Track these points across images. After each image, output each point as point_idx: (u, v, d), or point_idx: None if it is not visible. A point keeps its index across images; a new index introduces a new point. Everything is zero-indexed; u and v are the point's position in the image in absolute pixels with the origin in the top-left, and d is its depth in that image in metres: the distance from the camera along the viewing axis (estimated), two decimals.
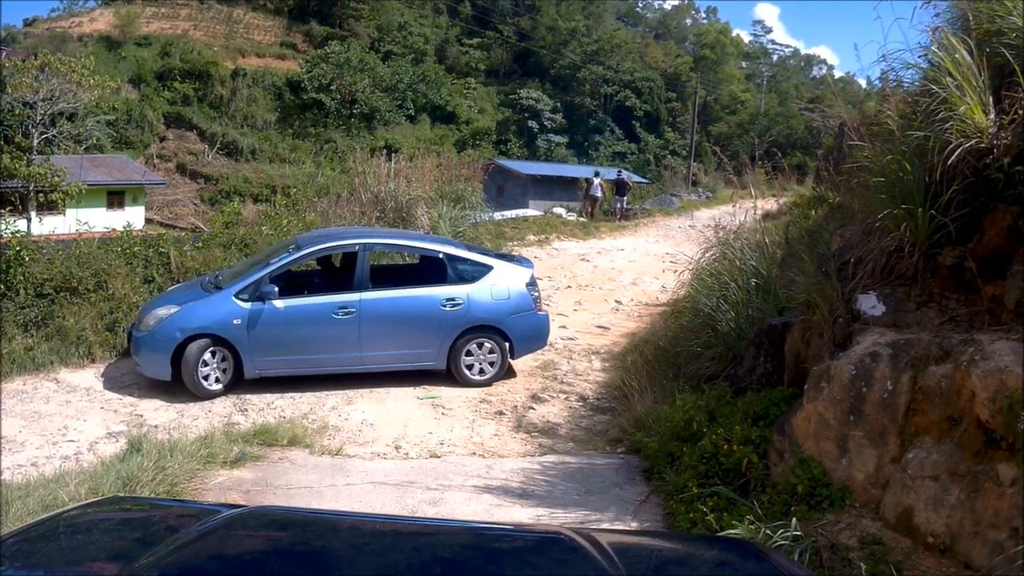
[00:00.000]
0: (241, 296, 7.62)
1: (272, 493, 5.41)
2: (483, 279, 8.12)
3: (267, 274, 7.72)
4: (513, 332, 8.15)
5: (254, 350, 7.60)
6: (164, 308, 7.72)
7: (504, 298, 8.10)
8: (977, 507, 3.49)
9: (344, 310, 7.71)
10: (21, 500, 4.82)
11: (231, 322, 7.54)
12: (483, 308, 8.02)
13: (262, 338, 7.59)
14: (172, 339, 7.47)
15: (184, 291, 8.35)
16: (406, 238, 9.33)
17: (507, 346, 8.19)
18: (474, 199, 16.40)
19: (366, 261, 7.99)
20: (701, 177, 45.45)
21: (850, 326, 4.57)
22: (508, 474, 5.78)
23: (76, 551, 2.22)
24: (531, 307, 8.25)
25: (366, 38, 61.68)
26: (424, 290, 8.06)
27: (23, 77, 25.61)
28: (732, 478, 4.73)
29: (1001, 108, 4.14)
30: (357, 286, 7.86)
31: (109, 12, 57.85)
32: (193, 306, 7.68)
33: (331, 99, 53.73)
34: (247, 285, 7.66)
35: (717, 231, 8.32)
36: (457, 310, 7.94)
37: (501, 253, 9.99)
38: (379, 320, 7.79)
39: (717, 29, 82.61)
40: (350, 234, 8.98)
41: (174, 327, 7.51)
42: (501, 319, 8.08)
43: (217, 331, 7.53)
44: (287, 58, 60.70)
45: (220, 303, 7.62)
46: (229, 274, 8.34)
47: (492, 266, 8.28)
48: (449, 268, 8.11)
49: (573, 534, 2.28)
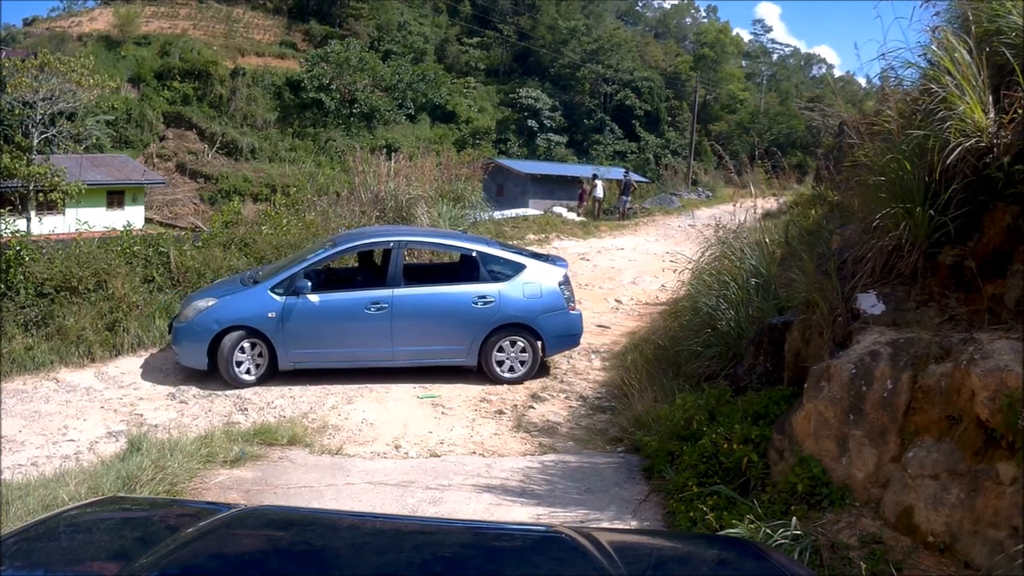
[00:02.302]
0: (276, 290, 7.83)
1: (272, 492, 5.41)
2: (516, 277, 8.19)
3: (302, 269, 7.92)
4: (545, 330, 8.18)
5: (288, 342, 7.80)
6: (203, 300, 7.98)
7: (536, 296, 8.14)
8: (977, 506, 3.49)
9: (376, 305, 7.87)
10: (21, 499, 4.82)
11: (266, 315, 7.75)
12: (515, 306, 8.08)
13: (296, 331, 7.78)
14: (209, 330, 7.72)
15: (224, 285, 8.68)
16: (440, 236, 9.48)
17: (539, 344, 8.21)
18: (474, 198, 16.39)
19: (400, 258, 8.17)
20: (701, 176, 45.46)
21: (850, 325, 4.57)
22: (508, 473, 5.78)
23: (76, 551, 2.22)
24: (563, 306, 8.26)
25: (366, 37, 61.69)
26: (456, 287, 8.19)
27: (23, 77, 25.63)
28: (732, 477, 4.73)
29: (1001, 107, 4.14)
30: (390, 282, 8.03)
31: (108, 11, 57.87)
32: (230, 299, 7.95)
33: (331, 98, 53.74)
34: (282, 280, 7.88)
35: (717, 230, 8.31)
36: (489, 307, 8.01)
37: (535, 252, 9.98)
38: (411, 316, 7.93)
39: (717, 28, 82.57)
40: (385, 232, 9.31)
41: (211, 319, 7.77)
42: (533, 317, 8.12)
43: (252, 323, 7.75)
44: (287, 57, 60.74)
45: (256, 297, 7.85)
46: (269, 270, 8.56)
47: (525, 265, 8.34)
48: (482, 266, 8.20)
49: (573, 533, 2.28)
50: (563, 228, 20.70)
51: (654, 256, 15.95)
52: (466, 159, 19.60)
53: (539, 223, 20.90)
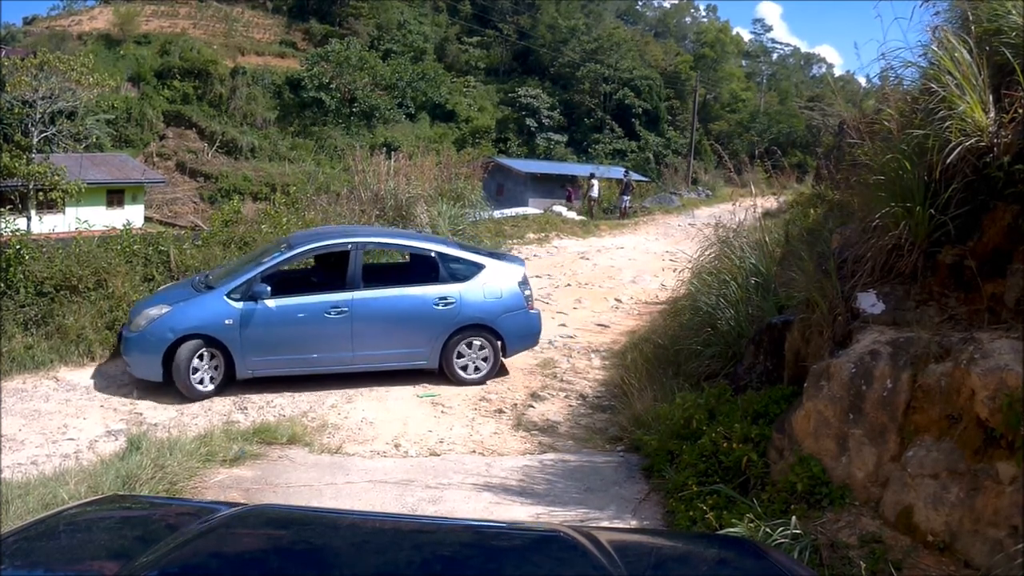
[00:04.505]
0: (233, 296, 7.52)
1: (272, 491, 5.42)
2: (475, 278, 8.09)
3: (259, 273, 7.62)
4: (505, 330, 8.11)
5: (246, 350, 7.51)
6: (155, 308, 7.61)
7: (497, 297, 8.08)
8: (977, 505, 3.49)
9: (336, 309, 7.65)
10: (21, 499, 4.82)
11: (223, 322, 7.45)
12: (476, 307, 7.99)
13: (254, 338, 7.50)
14: (164, 340, 7.36)
15: (175, 291, 8.26)
16: (398, 237, 9.22)
17: (499, 344, 8.15)
18: (473, 197, 16.40)
19: (359, 260, 7.93)
20: (701, 175, 45.50)
21: (850, 324, 4.57)
22: (507, 472, 5.78)
23: (76, 550, 2.22)
24: (523, 305, 8.23)
25: (366, 36, 61.64)
26: (416, 289, 8.00)
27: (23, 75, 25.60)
28: (732, 476, 4.73)
29: (1001, 107, 4.14)
30: (349, 285, 7.80)
31: (108, 10, 57.83)
32: (185, 306, 7.58)
33: (331, 97, 53.71)
34: (239, 285, 7.56)
35: (717, 229, 8.31)
36: (450, 309, 7.92)
37: (493, 251, 9.90)
38: (371, 319, 7.75)
39: (717, 27, 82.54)
40: (342, 233, 8.84)
41: (165, 327, 7.40)
42: (494, 318, 8.05)
43: (209, 331, 7.43)
44: (287, 56, 60.72)
45: (212, 303, 7.52)
46: (220, 273, 8.24)
47: (484, 265, 8.24)
48: (441, 267, 8.08)
49: (572, 532, 2.28)
50: (563, 227, 20.71)
51: (654, 255, 15.97)
52: (466, 158, 19.62)
53: (539, 222, 20.91)
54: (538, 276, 13.94)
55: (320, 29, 63.56)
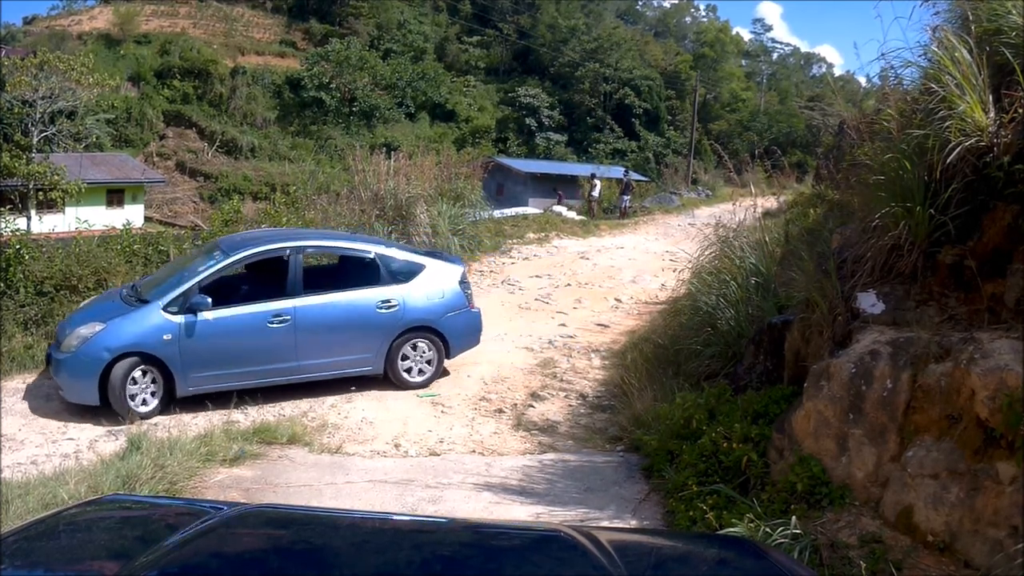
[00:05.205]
0: (170, 309, 7.06)
1: (272, 491, 5.42)
2: (416, 278, 7.94)
3: (196, 283, 7.19)
4: (449, 331, 8.00)
5: (186, 366, 7.07)
6: (87, 326, 7.06)
7: (439, 297, 7.95)
8: (977, 505, 3.49)
9: (279, 318, 7.32)
10: (21, 498, 4.83)
11: (161, 337, 6.98)
12: (419, 309, 7.85)
13: (194, 353, 7.06)
14: (99, 360, 6.83)
15: (104, 305, 7.70)
16: (336, 239, 8.79)
17: (443, 346, 8.02)
18: (473, 197, 16.40)
19: (299, 265, 7.60)
20: (701, 175, 45.47)
21: (850, 324, 4.57)
22: (507, 472, 5.78)
23: (76, 550, 2.22)
24: (465, 305, 8.15)
25: (366, 36, 61.62)
26: (359, 293, 7.74)
27: (22, 75, 25.57)
28: (732, 476, 4.74)
29: (1001, 107, 4.14)
30: (290, 292, 7.46)
31: (108, 10, 57.80)
32: (119, 322, 7.05)
33: (331, 97, 53.71)
34: (176, 296, 7.11)
35: (717, 229, 8.31)
36: (393, 312, 7.74)
37: (431, 251, 9.63)
38: (315, 327, 7.47)
39: (717, 27, 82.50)
40: (278, 237, 8.40)
41: (100, 347, 6.87)
42: (437, 318, 7.92)
43: (147, 348, 6.95)
44: (287, 56, 60.70)
45: (148, 317, 7.03)
46: (149, 284, 7.82)
47: (425, 264, 8.09)
48: (382, 268, 7.87)
49: (572, 532, 2.28)
50: (563, 227, 20.70)
51: (654, 255, 15.97)
52: (466, 158, 19.60)
53: (539, 222, 20.90)
54: (538, 276, 13.95)
55: (320, 29, 63.54)
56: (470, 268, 14.27)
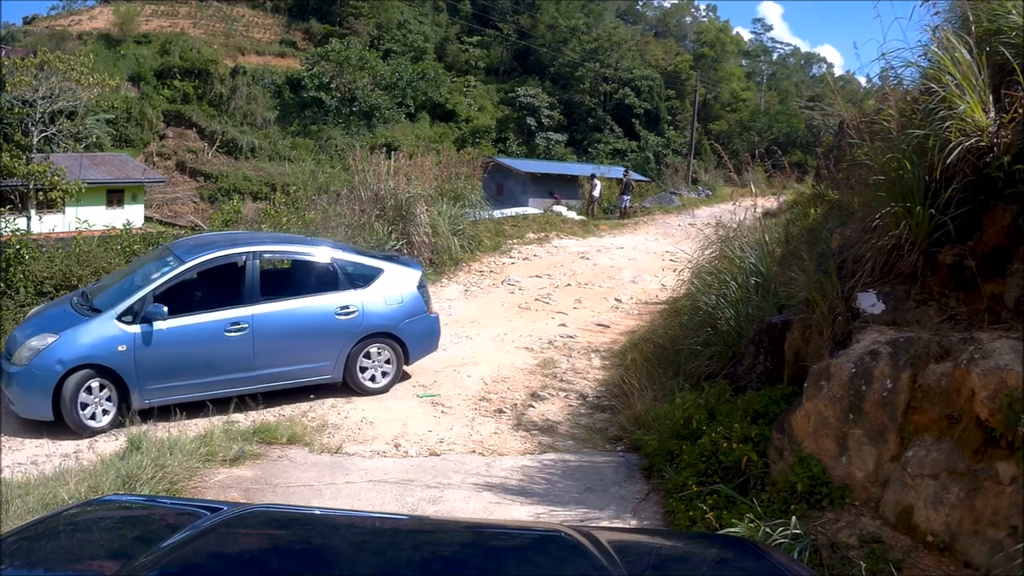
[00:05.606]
0: (124, 318, 6.78)
1: (271, 491, 5.42)
2: (375, 283, 7.78)
3: (151, 292, 6.90)
4: (408, 337, 7.87)
5: (142, 378, 6.78)
6: (38, 338, 6.74)
7: (397, 302, 7.81)
8: (976, 505, 3.49)
9: (236, 327, 7.10)
10: (21, 498, 4.83)
11: (116, 348, 6.69)
12: (378, 315, 7.69)
13: (151, 364, 6.79)
14: (53, 373, 6.52)
15: (54, 312, 7.37)
16: (292, 243, 8.55)
17: (403, 351, 7.89)
18: (473, 197, 16.39)
19: (256, 271, 7.36)
20: (701, 175, 45.51)
21: (850, 324, 4.57)
22: (507, 472, 5.78)
23: (76, 549, 2.22)
24: (423, 310, 8.02)
25: (366, 36, 61.61)
26: (317, 299, 7.55)
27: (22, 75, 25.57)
28: (732, 476, 4.74)
29: (1001, 107, 4.14)
30: (247, 299, 7.24)
31: (108, 10, 57.78)
32: (73, 333, 6.72)
33: (331, 97, 53.71)
34: (131, 305, 6.82)
35: (717, 229, 8.31)
36: (352, 318, 7.56)
37: (388, 254, 9.38)
38: (274, 335, 7.26)
39: (717, 27, 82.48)
40: (233, 241, 7.98)
41: (53, 359, 6.56)
42: (396, 324, 7.78)
43: (102, 360, 6.66)
44: (287, 56, 60.68)
45: (102, 328, 6.73)
46: (101, 290, 7.53)
47: (383, 269, 7.93)
48: (340, 273, 7.72)
49: (572, 532, 2.28)
50: (563, 227, 20.68)
51: (654, 255, 15.96)
52: (466, 157, 19.62)
53: (539, 221, 20.87)
54: (538, 276, 13.95)
55: (320, 29, 63.53)
56: (470, 268, 14.31)
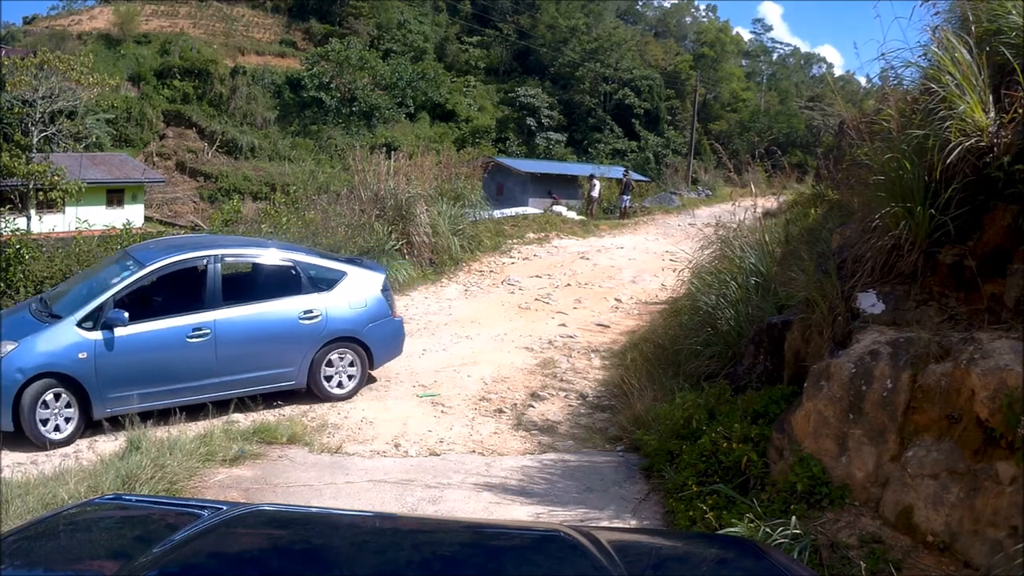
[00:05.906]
0: (85, 324, 6.61)
1: (271, 491, 5.42)
2: (338, 287, 7.67)
3: (111, 297, 6.74)
4: (372, 341, 7.76)
5: (103, 387, 6.60)
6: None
7: (362, 306, 7.71)
8: (976, 505, 3.49)
9: (199, 332, 6.95)
10: (21, 498, 4.83)
11: (76, 356, 6.50)
12: (342, 319, 7.58)
13: (112, 372, 6.62)
14: (13, 382, 6.32)
15: (13, 319, 7.13)
16: (254, 246, 8.35)
17: (367, 356, 7.79)
18: (473, 197, 16.39)
19: (218, 275, 7.22)
20: (701, 175, 45.47)
21: (850, 324, 4.57)
22: (507, 472, 5.78)
23: (75, 549, 2.22)
24: (388, 313, 7.94)
25: (366, 36, 61.62)
26: (280, 304, 7.42)
27: (22, 75, 25.59)
28: (731, 476, 4.74)
29: (1001, 107, 4.14)
30: (209, 303, 7.11)
31: (108, 10, 57.79)
32: (32, 340, 6.53)
33: (331, 97, 53.72)
34: (91, 311, 6.66)
35: (717, 229, 8.31)
36: (316, 323, 7.45)
37: (351, 258, 9.20)
38: (237, 341, 7.14)
39: (717, 27, 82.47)
40: (194, 245, 7.90)
41: (12, 368, 6.35)
42: (360, 328, 7.68)
43: (62, 368, 6.47)
44: (287, 56, 60.69)
45: (62, 334, 6.55)
46: (60, 296, 7.41)
47: (346, 272, 7.83)
48: (303, 276, 7.60)
49: (572, 532, 2.28)
50: (563, 227, 20.67)
51: (654, 255, 15.95)
52: (466, 157, 19.60)
53: (539, 222, 20.86)
54: (538, 276, 13.95)
55: (320, 29, 63.54)
56: (470, 268, 14.31)
